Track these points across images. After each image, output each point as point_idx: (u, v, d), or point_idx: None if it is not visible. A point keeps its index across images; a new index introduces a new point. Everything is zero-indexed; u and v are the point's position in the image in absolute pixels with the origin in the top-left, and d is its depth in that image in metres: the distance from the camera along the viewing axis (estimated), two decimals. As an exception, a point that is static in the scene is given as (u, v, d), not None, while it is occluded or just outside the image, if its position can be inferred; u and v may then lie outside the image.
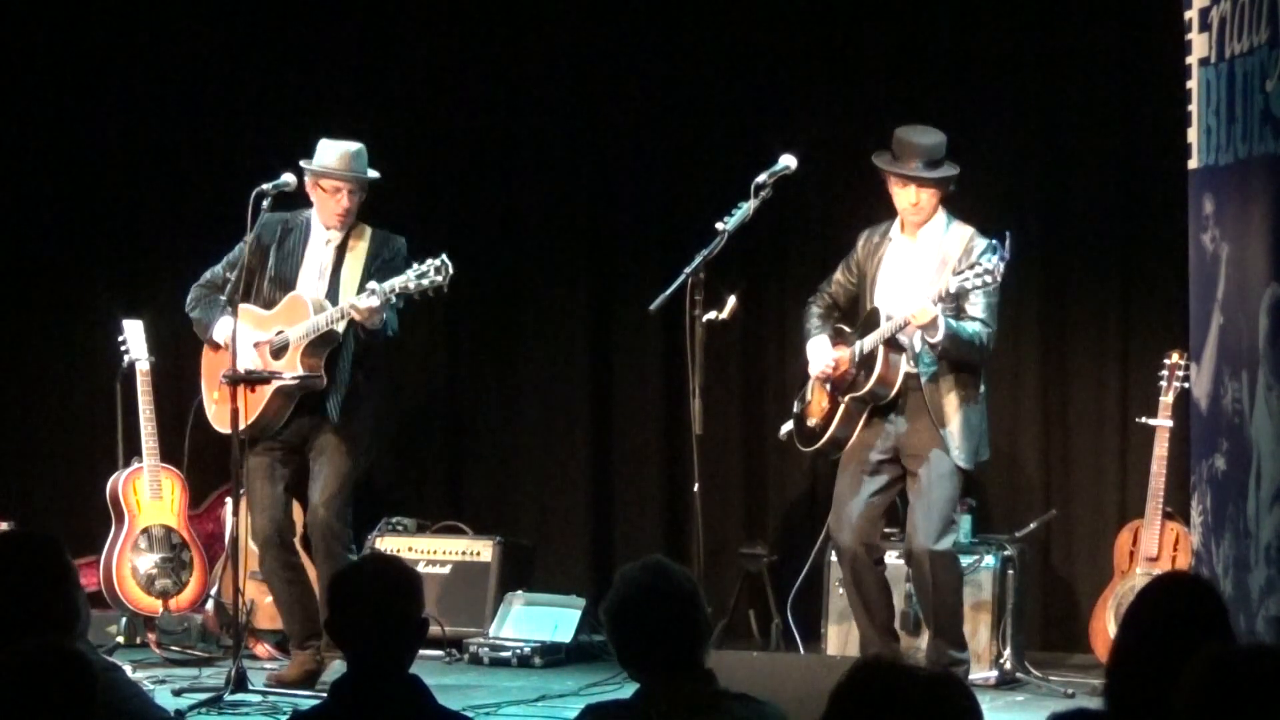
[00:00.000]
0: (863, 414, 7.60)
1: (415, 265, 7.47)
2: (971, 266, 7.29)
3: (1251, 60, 6.46)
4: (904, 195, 7.55)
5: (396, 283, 7.43)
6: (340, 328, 7.58)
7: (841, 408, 7.62)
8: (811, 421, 7.77)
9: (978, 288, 7.27)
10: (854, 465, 7.60)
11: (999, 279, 7.24)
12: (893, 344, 7.49)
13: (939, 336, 7.33)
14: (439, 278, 7.40)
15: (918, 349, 7.48)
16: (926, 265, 7.53)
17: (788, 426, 7.94)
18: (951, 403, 7.48)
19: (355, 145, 7.80)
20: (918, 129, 7.61)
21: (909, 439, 7.54)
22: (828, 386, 7.70)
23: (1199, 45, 6.94)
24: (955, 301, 7.40)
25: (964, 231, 7.56)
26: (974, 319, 7.44)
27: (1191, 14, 7.00)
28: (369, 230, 7.81)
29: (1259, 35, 6.39)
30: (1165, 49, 7.60)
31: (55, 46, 9.72)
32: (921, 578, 7.55)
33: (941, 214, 7.61)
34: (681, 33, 9.28)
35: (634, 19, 9.33)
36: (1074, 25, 8.70)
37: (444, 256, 7.42)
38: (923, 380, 7.49)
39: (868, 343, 7.54)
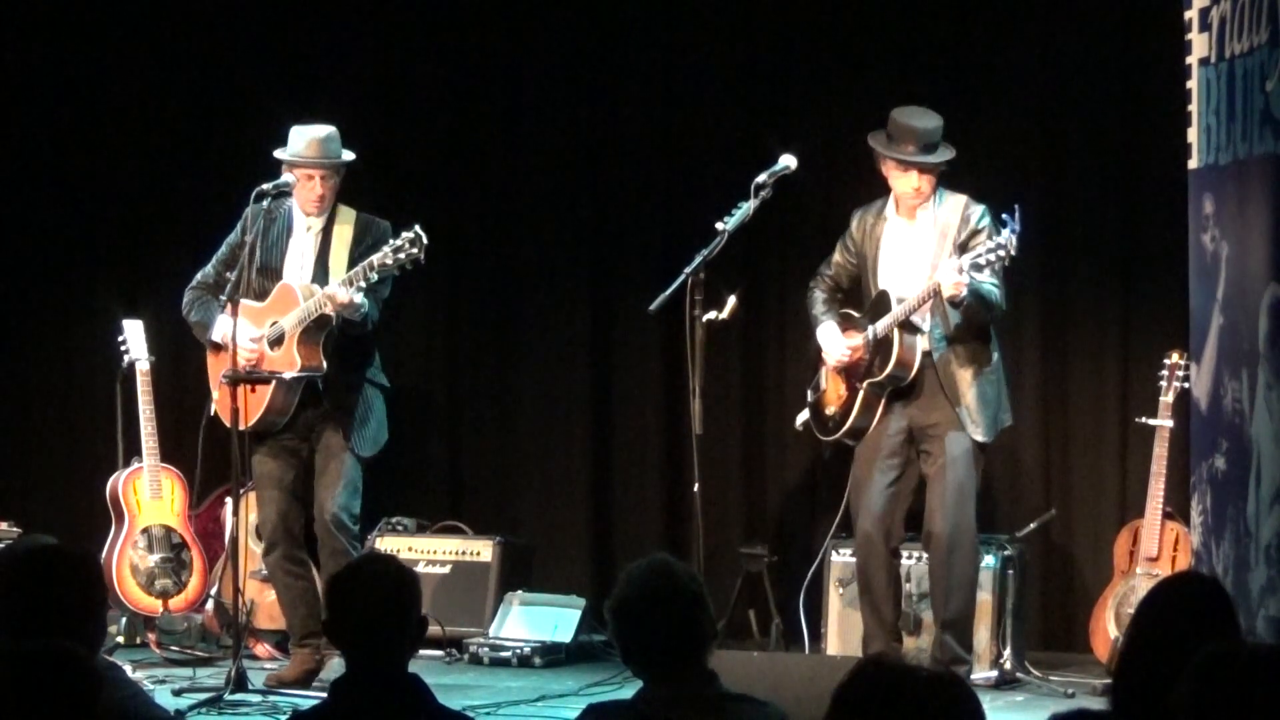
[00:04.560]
0: (881, 399, 7.58)
1: (390, 240, 7.45)
2: (976, 234, 7.29)
3: (1251, 60, 6.47)
4: (905, 180, 7.54)
5: (375, 259, 7.41)
6: (331, 311, 7.57)
7: (860, 395, 7.61)
8: (830, 410, 7.75)
9: (992, 263, 7.26)
10: (872, 451, 7.59)
11: (1014, 252, 7.23)
12: (907, 326, 7.49)
13: (964, 294, 7.30)
14: (415, 250, 7.35)
15: (927, 327, 7.47)
16: (926, 240, 7.54)
17: (803, 416, 7.93)
18: (965, 377, 7.49)
19: (325, 129, 7.77)
20: (915, 111, 7.61)
21: (924, 417, 7.53)
22: (842, 373, 7.69)
23: (1199, 45, 6.94)
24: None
25: (957, 200, 7.57)
26: (986, 281, 7.43)
27: (1191, 14, 7.00)
28: (354, 214, 7.80)
29: (1259, 35, 6.40)
30: (1165, 49, 7.60)
31: (55, 47, 9.71)
32: (938, 561, 7.52)
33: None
34: (681, 32, 9.28)
35: (634, 18, 9.33)
36: (1074, 25, 8.70)
37: (417, 228, 7.38)
38: (935, 357, 7.49)
39: (880, 327, 7.54)
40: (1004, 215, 7.26)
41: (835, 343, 7.70)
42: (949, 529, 7.45)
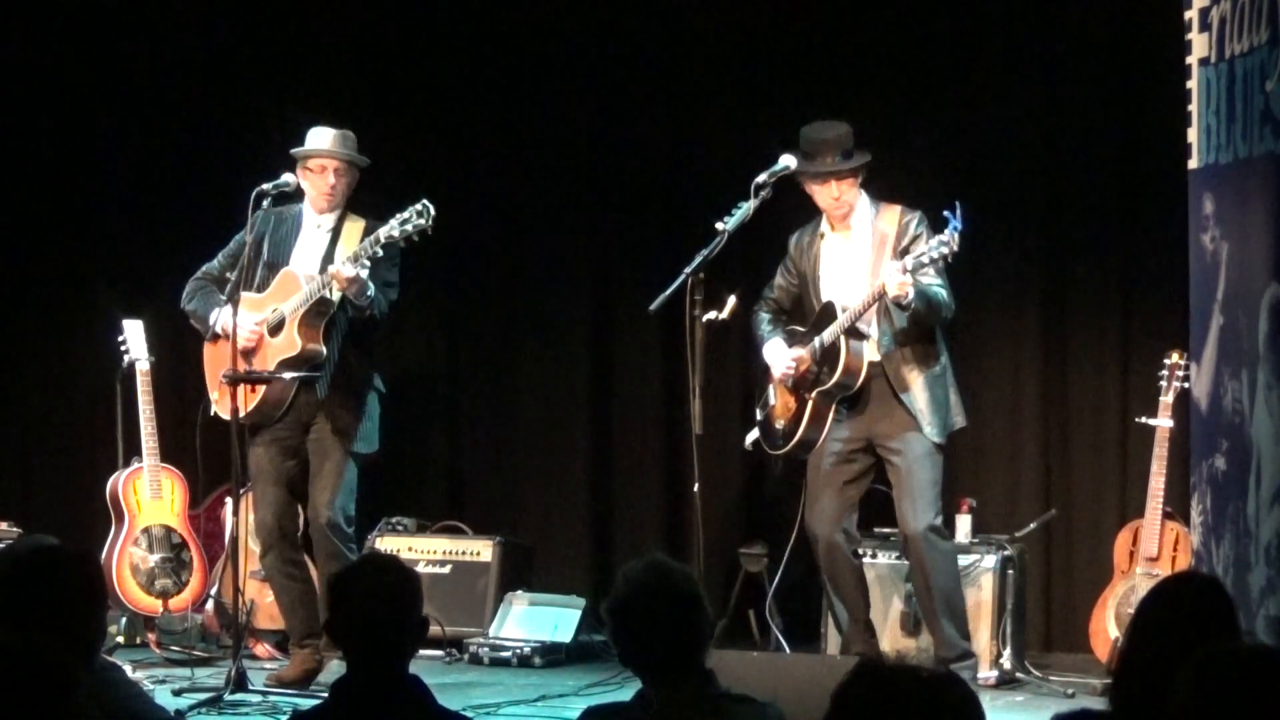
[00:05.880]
0: (830, 409, 7.59)
1: (397, 214, 7.48)
2: (915, 240, 7.32)
3: (1251, 60, 6.47)
4: (824, 193, 7.59)
5: (381, 232, 7.44)
6: (333, 295, 7.59)
7: (809, 406, 7.61)
8: (779, 424, 7.77)
9: (936, 260, 7.26)
10: (825, 457, 7.61)
11: (956, 248, 7.23)
12: (853, 333, 7.50)
13: (910, 297, 7.31)
14: (422, 220, 7.39)
15: (875, 334, 7.47)
16: (864, 251, 7.56)
17: (753, 435, 7.95)
18: (915, 380, 7.51)
19: (343, 131, 7.86)
20: (821, 125, 7.63)
21: (879, 426, 7.55)
22: (790, 384, 7.70)
23: (1199, 45, 6.94)
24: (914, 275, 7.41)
25: (893, 211, 7.60)
26: (933, 283, 7.42)
27: (1191, 14, 7.00)
28: (363, 220, 7.83)
29: (1259, 35, 6.40)
30: (1165, 49, 7.60)
31: (55, 47, 9.72)
32: (918, 563, 7.55)
33: (865, 199, 7.63)
34: (682, 32, 9.28)
35: (635, 18, 9.33)
36: (1074, 25, 8.70)
37: (424, 200, 7.42)
38: (884, 363, 7.49)
39: (827, 336, 7.54)
40: (945, 212, 7.26)
41: (780, 356, 7.71)
42: (923, 529, 7.49)
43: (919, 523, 7.48)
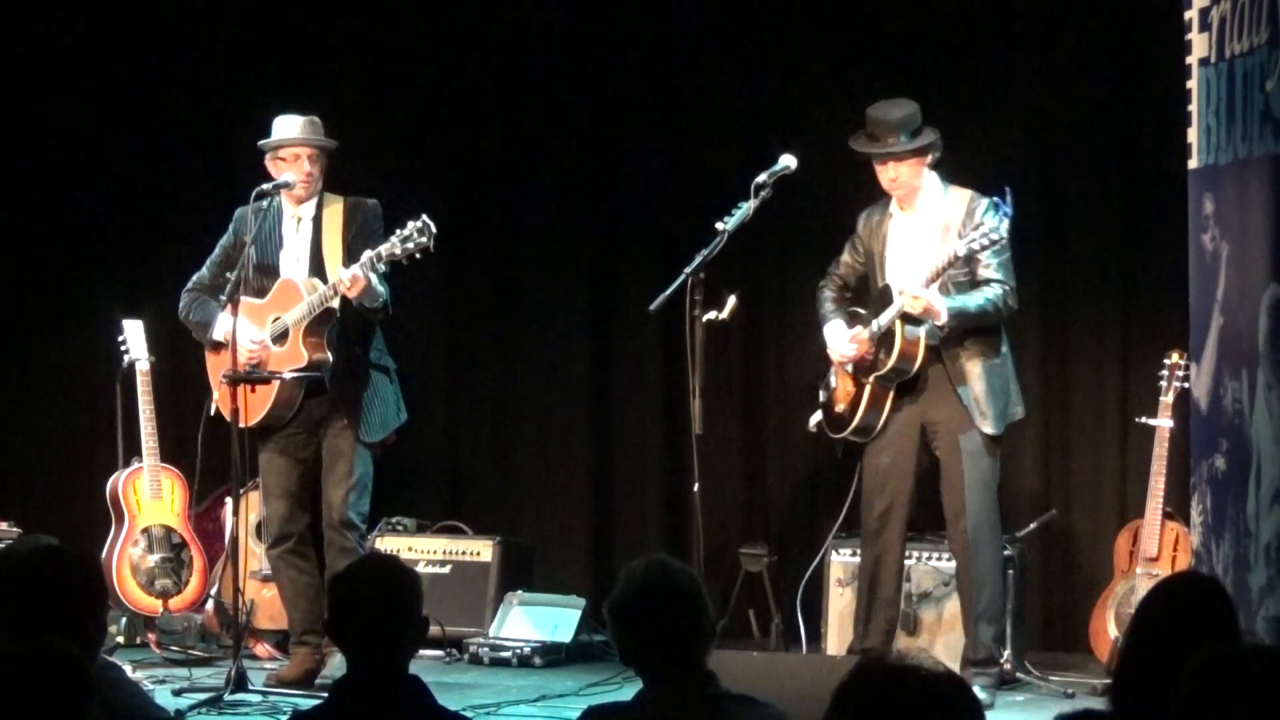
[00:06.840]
0: (888, 394, 7.54)
1: (398, 230, 7.45)
2: (976, 228, 7.27)
3: (1251, 60, 6.46)
4: (884, 174, 7.56)
5: (383, 250, 7.41)
6: (336, 304, 7.58)
7: (867, 390, 7.57)
8: (839, 408, 7.72)
9: (985, 248, 7.25)
10: (886, 447, 7.56)
11: (1005, 235, 7.21)
12: (909, 318, 7.46)
13: (943, 319, 7.31)
14: (423, 239, 7.37)
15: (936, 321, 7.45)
16: (930, 235, 7.52)
17: (816, 417, 7.88)
18: (973, 369, 7.45)
19: (309, 116, 7.84)
20: (885, 104, 7.60)
21: (934, 412, 7.49)
22: (849, 369, 7.67)
23: (1199, 45, 6.94)
24: (967, 266, 7.38)
25: (962, 195, 7.55)
26: (988, 281, 7.40)
27: (1191, 14, 7.00)
28: (341, 200, 7.82)
29: (1259, 35, 6.40)
30: (1165, 49, 7.60)
31: (55, 47, 9.72)
32: (964, 558, 7.48)
33: (936, 181, 7.58)
34: (682, 32, 9.28)
35: (635, 18, 9.33)
36: (1074, 25, 8.70)
37: (424, 217, 7.40)
38: (942, 350, 7.46)
39: (884, 320, 7.50)
40: (994, 199, 7.25)
41: (840, 340, 7.68)
42: (973, 524, 7.43)
43: (968, 519, 7.42)
